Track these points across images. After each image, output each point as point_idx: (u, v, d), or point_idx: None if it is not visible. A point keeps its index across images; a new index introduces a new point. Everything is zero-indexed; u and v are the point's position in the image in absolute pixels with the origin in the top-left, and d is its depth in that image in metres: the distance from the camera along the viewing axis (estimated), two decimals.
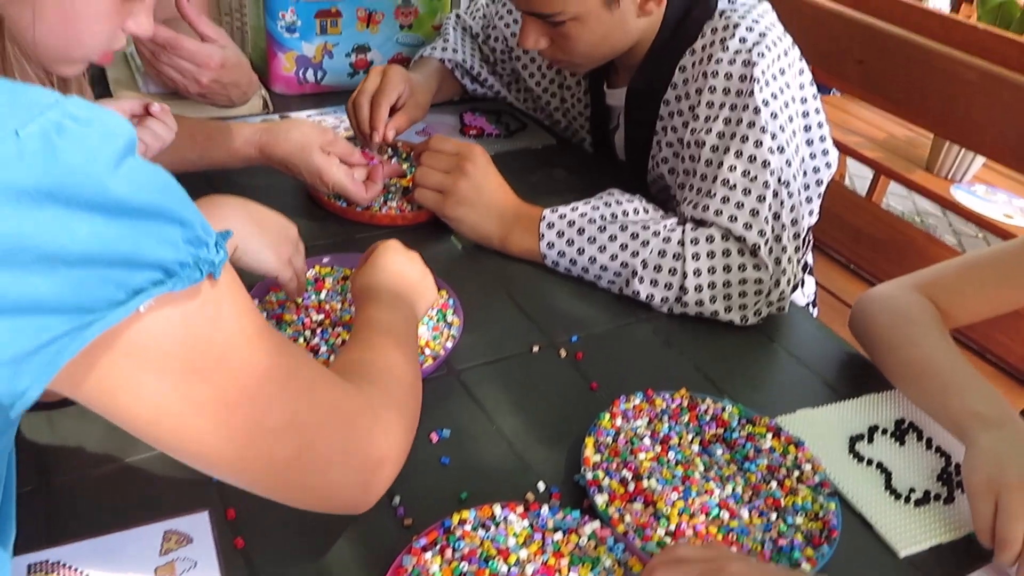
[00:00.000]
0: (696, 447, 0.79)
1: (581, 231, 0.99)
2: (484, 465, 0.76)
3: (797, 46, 1.07)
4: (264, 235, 0.80)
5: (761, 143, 0.97)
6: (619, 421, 0.80)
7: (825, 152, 1.09)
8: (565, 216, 1.01)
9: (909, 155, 2.27)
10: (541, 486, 0.74)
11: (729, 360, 0.94)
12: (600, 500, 0.71)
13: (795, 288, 1.06)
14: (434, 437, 0.78)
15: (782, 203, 0.97)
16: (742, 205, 0.95)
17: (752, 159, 0.97)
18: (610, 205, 1.01)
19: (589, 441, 0.77)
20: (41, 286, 0.35)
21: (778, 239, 0.97)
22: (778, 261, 0.96)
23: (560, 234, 1.00)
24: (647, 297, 0.97)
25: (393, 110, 1.15)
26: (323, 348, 0.85)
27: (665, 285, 0.96)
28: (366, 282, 0.77)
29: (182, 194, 0.41)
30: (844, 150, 2.33)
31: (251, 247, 0.78)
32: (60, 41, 0.69)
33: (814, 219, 1.26)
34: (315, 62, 1.40)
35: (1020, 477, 0.69)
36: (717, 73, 1.00)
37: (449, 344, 0.87)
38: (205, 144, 1.04)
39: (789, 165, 0.99)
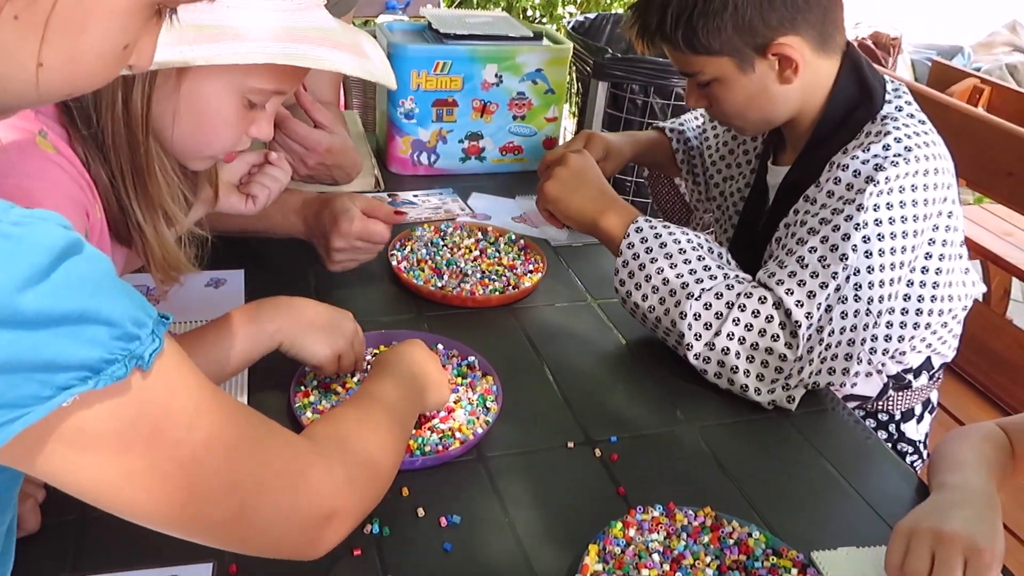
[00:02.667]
0: (711, 572, 0.74)
1: (663, 245, 1.02)
2: (485, 558, 0.76)
3: (953, 173, 1.03)
4: (315, 331, 0.88)
5: (849, 238, 0.96)
6: (632, 532, 0.77)
7: (967, 283, 1.10)
8: (655, 227, 1.04)
9: None
10: None
11: (778, 482, 0.88)
12: None
13: (827, 387, 1.02)
14: (443, 521, 0.78)
15: (842, 300, 0.96)
16: (804, 283, 0.97)
17: (833, 248, 0.96)
18: (705, 242, 1.04)
19: (593, 549, 0.74)
20: None
21: (819, 330, 0.96)
22: (810, 350, 0.96)
23: (643, 240, 1.03)
24: (688, 326, 0.98)
25: None
26: None
27: (705, 325, 0.98)
28: (383, 359, 0.82)
29: (117, 290, 0.42)
30: (1005, 267, 2.15)
31: (303, 342, 0.87)
32: (192, 142, 0.82)
33: (950, 354, 1.17)
34: (429, 146, 1.48)
35: (933, 525, 0.71)
36: (847, 167, 1.00)
37: (480, 430, 0.88)
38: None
39: (870, 272, 0.96)
